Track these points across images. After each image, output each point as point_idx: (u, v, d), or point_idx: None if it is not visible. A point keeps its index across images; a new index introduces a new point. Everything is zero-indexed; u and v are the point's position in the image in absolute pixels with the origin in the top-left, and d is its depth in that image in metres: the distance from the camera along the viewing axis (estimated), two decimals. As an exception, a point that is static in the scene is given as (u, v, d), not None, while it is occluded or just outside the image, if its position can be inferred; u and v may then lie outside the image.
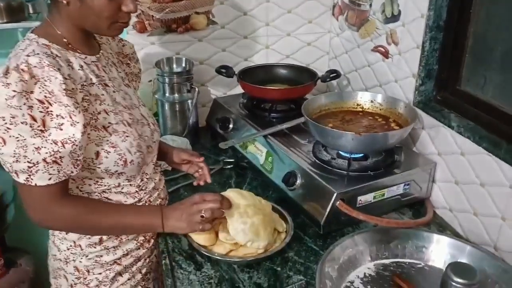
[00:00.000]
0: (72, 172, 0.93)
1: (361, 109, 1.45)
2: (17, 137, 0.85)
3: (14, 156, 0.86)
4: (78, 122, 0.89)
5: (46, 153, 0.87)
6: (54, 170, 0.90)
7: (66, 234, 1.07)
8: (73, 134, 0.88)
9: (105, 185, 1.04)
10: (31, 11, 1.58)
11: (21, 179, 0.89)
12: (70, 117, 0.88)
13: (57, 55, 0.92)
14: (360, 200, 1.21)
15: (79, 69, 0.96)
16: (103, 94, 1.00)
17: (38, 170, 0.88)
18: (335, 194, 1.17)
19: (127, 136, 1.02)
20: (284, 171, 1.32)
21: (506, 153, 1.07)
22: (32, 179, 0.89)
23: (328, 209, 1.17)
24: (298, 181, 1.27)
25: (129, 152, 1.02)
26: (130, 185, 1.08)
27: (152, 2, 1.59)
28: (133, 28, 1.61)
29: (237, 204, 1.10)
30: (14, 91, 0.84)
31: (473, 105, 1.22)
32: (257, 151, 1.47)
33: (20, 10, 1.51)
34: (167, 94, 1.62)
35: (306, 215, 1.25)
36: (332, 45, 1.84)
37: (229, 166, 1.53)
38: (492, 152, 1.11)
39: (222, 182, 1.46)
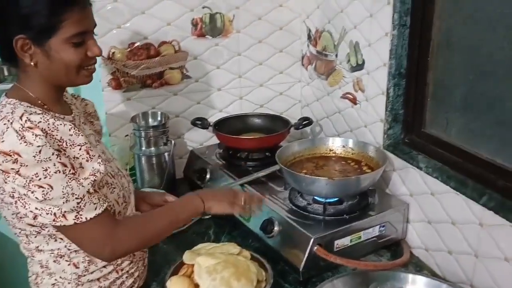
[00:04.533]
0: (107, 198, 0.99)
1: (333, 154, 1.49)
2: (59, 182, 0.89)
3: (64, 197, 0.90)
4: (94, 155, 0.95)
5: (88, 184, 0.92)
6: (96, 199, 0.94)
7: None
8: (93, 168, 0.94)
9: None
10: (6, 73, 1.61)
11: (70, 220, 0.92)
12: (87, 153, 0.94)
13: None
14: (337, 244, 1.23)
15: None
16: None
17: (86, 203, 0.92)
18: (312, 240, 1.18)
19: (114, 188, 1.04)
20: (262, 219, 1.33)
21: (472, 191, 1.12)
22: (81, 215, 0.92)
23: (306, 255, 1.18)
24: (276, 228, 1.29)
25: (117, 203, 1.04)
26: None
27: (127, 60, 1.64)
28: (108, 85, 1.65)
29: (207, 266, 1.11)
30: (39, 146, 0.87)
31: (439, 146, 1.27)
32: (235, 200, 1.47)
33: (-5, 72, 1.54)
34: (143, 148, 1.64)
35: (285, 262, 1.25)
36: (303, 94, 1.91)
37: (207, 217, 1.51)
38: (459, 190, 1.15)
39: (201, 232, 1.46)
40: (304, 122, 1.69)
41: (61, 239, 1.00)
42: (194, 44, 1.71)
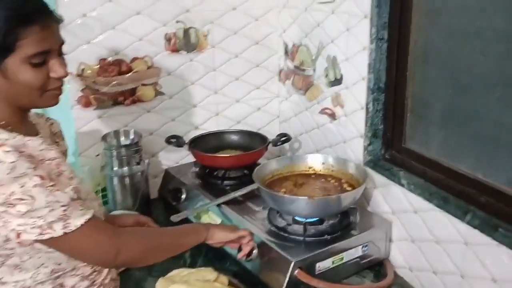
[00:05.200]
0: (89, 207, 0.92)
1: (313, 172, 1.45)
2: (40, 193, 0.83)
3: (48, 206, 0.83)
4: (65, 170, 0.91)
5: (71, 190, 0.88)
6: (80, 205, 0.89)
7: None
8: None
9: (61, 271, 0.96)
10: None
11: (58, 230, 0.85)
12: (58, 168, 0.90)
13: None
14: (318, 266, 1.18)
15: None
16: None
17: (72, 210, 0.86)
18: (292, 263, 1.13)
19: None
20: (240, 241, 1.27)
21: (456, 208, 1.08)
22: (69, 223, 0.86)
23: (286, 279, 1.13)
24: (255, 251, 1.22)
25: None
26: (85, 265, 0.99)
27: (97, 76, 1.58)
28: (78, 103, 1.57)
29: None
30: (12, 161, 0.80)
31: (420, 162, 1.24)
32: (211, 221, 1.42)
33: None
34: (115, 168, 1.56)
35: (265, 286, 1.19)
36: (281, 109, 1.87)
37: None
38: (442, 208, 1.12)
39: (177, 255, 1.39)
40: (282, 139, 1.65)
41: (27, 269, 0.93)
42: (168, 59, 1.66)
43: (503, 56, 0.98)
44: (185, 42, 1.66)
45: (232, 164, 1.58)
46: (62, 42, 0.93)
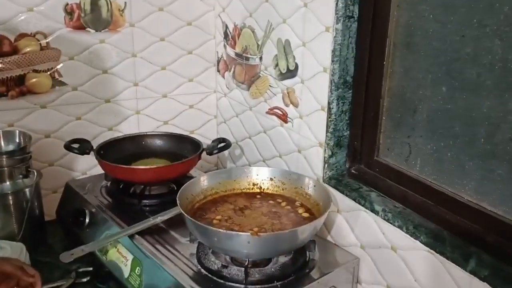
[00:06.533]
0: None
1: (258, 190, 1.13)
2: None
3: None
4: None
5: None
6: None
7: None
8: None
9: None
10: None
11: None
12: None
13: None
14: (266, 329, 0.85)
15: None
16: None
17: None
18: (228, 329, 0.79)
19: None
20: (156, 290, 0.93)
21: (453, 249, 0.79)
22: None
23: None
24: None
25: None
26: None
27: (-33, 57, 1.17)
28: None
29: None
30: None
31: (399, 181, 0.95)
32: (121, 259, 1.06)
33: None
34: (-8, 183, 1.17)
35: None
36: (219, 107, 1.54)
37: (85, 279, 1.11)
38: (433, 247, 0.83)
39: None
40: (220, 145, 1.32)
41: None
42: (70, 39, 1.30)
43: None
44: (94, 17, 1.31)
45: (152, 178, 1.22)
46: None
